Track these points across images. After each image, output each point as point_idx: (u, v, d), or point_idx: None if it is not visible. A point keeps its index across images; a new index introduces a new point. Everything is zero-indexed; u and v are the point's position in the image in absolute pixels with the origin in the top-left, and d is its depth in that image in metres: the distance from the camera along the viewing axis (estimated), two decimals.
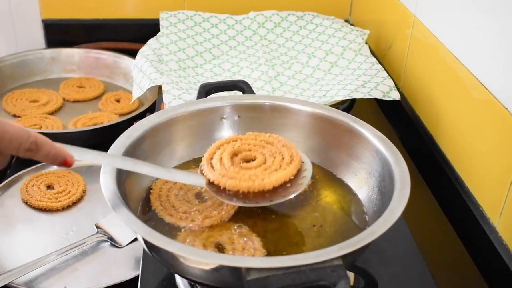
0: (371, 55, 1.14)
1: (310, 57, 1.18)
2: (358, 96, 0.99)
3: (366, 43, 1.19)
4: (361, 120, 0.77)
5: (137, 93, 1.07)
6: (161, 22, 1.23)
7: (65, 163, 0.60)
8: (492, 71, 0.81)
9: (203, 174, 0.70)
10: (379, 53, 1.28)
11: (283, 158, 0.71)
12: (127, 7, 1.43)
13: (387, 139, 0.73)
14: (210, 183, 0.69)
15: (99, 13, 1.42)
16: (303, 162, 0.73)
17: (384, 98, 1.00)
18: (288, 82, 1.11)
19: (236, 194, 0.68)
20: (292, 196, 0.68)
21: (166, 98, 0.98)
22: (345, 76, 1.10)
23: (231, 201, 0.68)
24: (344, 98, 1.00)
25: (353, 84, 1.03)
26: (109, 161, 0.67)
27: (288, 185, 0.69)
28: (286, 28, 1.27)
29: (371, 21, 1.35)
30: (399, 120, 1.12)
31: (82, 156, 0.63)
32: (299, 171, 0.71)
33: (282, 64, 1.17)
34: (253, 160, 0.72)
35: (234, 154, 0.73)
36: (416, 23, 1.07)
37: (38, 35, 1.42)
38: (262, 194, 0.68)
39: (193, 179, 0.71)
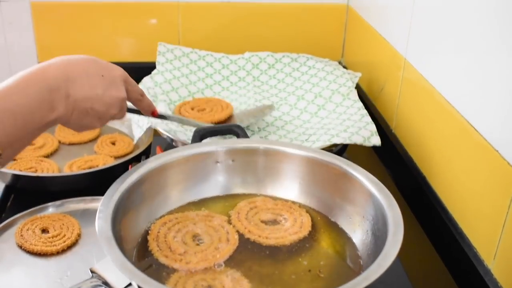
0: (359, 100, 1.15)
1: (299, 99, 1.19)
2: (338, 141, 0.99)
3: (358, 84, 1.21)
4: (354, 164, 0.78)
5: (137, 132, 1.07)
6: (157, 57, 1.25)
7: (154, 112, 0.82)
8: (482, 113, 0.82)
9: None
10: (372, 95, 1.30)
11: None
12: (123, 51, 1.46)
13: (380, 183, 0.74)
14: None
15: (94, 56, 1.44)
16: None
17: (364, 144, 1.00)
18: (274, 123, 1.12)
19: None
20: None
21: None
22: (330, 119, 1.11)
23: None
24: (325, 143, 0.99)
25: (335, 129, 1.04)
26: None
27: None
28: (280, 70, 1.29)
29: (363, 63, 1.37)
30: (393, 161, 1.13)
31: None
32: None
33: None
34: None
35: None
36: (407, 65, 1.09)
37: None
38: None
39: None
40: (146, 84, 1.18)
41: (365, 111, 1.10)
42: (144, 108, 0.81)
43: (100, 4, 1.40)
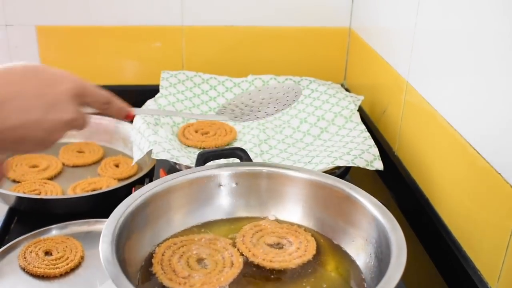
0: (361, 122, 1.16)
1: (302, 122, 1.20)
2: (341, 163, 1.00)
3: (360, 107, 1.22)
4: (356, 187, 0.78)
5: (137, 155, 1.08)
6: (161, 82, 1.26)
7: (128, 116, 0.72)
8: (485, 136, 0.83)
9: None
10: (374, 117, 1.31)
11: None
12: (127, 74, 1.47)
13: (383, 206, 0.74)
14: None
15: (99, 80, 1.45)
16: None
17: (367, 167, 1.00)
18: (277, 146, 1.13)
19: None
20: None
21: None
22: (333, 142, 1.11)
23: None
24: (328, 166, 1.00)
25: (338, 152, 1.04)
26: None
27: None
28: None
29: (365, 85, 1.38)
30: (395, 183, 1.13)
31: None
32: None
33: (274, 128, 1.19)
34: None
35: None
36: (409, 88, 1.10)
37: None
38: None
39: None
40: (150, 107, 1.19)
41: (367, 134, 1.10)
42: (115, 115, 0.71)
43: (105, 28, 1.42)
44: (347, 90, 1.44)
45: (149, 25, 1.43)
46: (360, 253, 0.76)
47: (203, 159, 0.86)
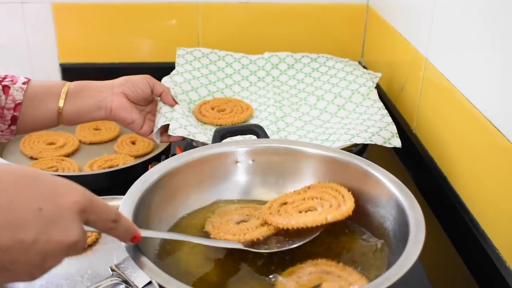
0: (379, 100, 1.14)
1: (319, 99, 1.19)
2: (359, 141, 0.98)
3: (378, 84, 1.20)
4: (374, 164, 0.78)
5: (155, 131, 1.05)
6: (177, 60, 1.25)
7: (135, 238, 0.60)
8: (504, 114, 0.82)
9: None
10: (392, 95, 1.29)
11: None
12: (143, 51, 1.47)
13: (401, 183, 0.73)
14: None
15: (115, 57, 1.46)
16: None
17: (384, 145, 0.98)
18: (294, 123, 1.12)
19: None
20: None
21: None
22: (350, 120, 1.10)
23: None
24: (345, 143, 0.98)
25: (356, 129, 1.03)
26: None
27: None
28: (299, 70, 1.28)
29: (383, 62, 1.36)
30: (413, 161, 1.12)
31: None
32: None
33: (290, 105, 1.18)
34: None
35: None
36: (427, 65, 1.08)
37: (56, 79, 1.45)
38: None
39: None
40: (166, 83, 1.18)
41: (385, 111, 1.09)
42: (120, 236, 0.58)
43: (120, 5, 1.41)
44: (364, 67, 1.43)
45: (165, 2, 1.42)
46: (378, 230, 0.75)
47: (219, 136, 0.85)
